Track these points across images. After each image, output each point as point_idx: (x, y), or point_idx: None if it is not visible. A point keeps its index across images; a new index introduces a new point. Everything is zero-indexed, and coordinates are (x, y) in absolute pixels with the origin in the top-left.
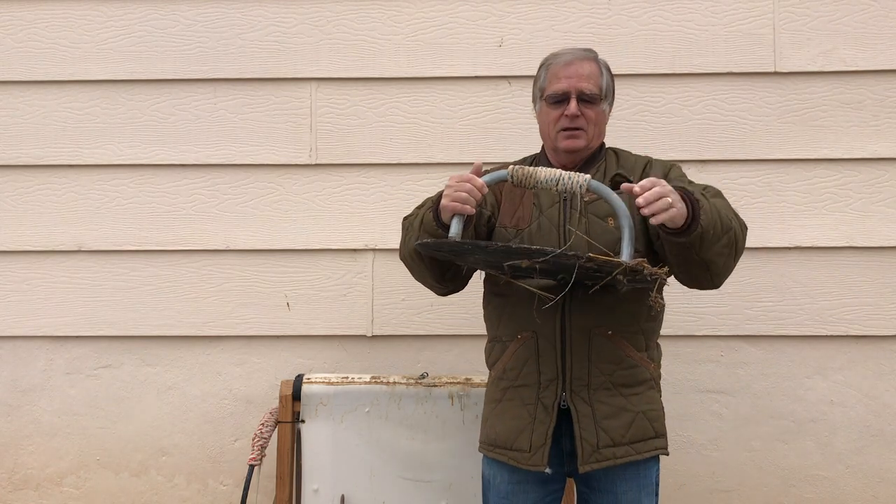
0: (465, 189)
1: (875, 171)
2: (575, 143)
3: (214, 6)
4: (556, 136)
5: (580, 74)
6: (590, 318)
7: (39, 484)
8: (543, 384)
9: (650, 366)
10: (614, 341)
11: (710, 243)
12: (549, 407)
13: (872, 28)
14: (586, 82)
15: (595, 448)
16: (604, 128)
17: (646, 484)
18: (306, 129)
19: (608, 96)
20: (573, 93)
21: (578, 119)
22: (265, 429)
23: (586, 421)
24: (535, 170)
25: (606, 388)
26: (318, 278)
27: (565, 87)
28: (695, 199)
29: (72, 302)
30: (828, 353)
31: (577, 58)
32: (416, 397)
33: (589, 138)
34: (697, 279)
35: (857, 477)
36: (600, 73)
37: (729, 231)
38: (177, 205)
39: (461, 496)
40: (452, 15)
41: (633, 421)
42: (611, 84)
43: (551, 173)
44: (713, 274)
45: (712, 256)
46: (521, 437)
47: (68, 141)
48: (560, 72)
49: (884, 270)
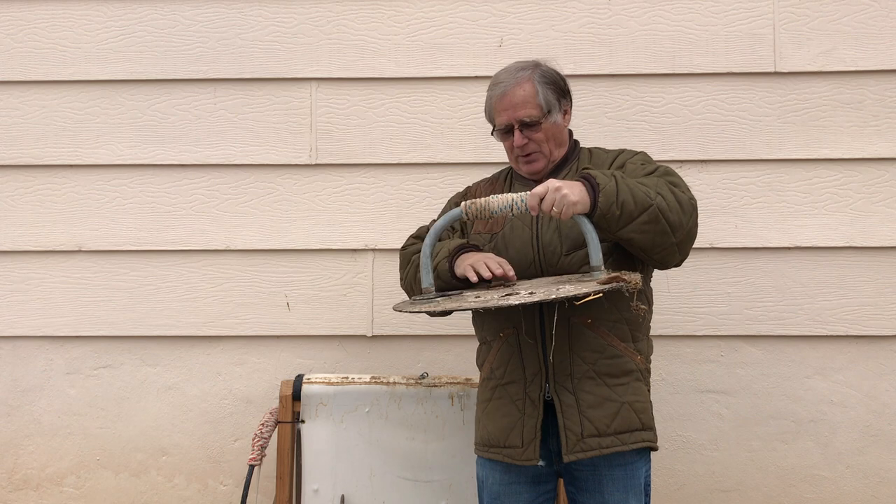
0: (494, 269)
1: (875, 171)
2: (534, 167)
3: (214, 6)
4: (516, 161)
5: (515, 104)
6: (568, 308)
7: (39, 484)
8: (529, 378)
9: (636, 357)
10: (595, 330)
11: (621, 222)
12: (535, 401)
13: (872, 28)
14: (522, 110)
15: (579, 437)
16: (562, 137)
17: (634, 485)
18: (306, 129)
19: (552, 109)
20: (514, 124)
21: (528, 145)
22: (265, 429)
23: (570, 411)
24: (487, 200)
25: (590, 378)
26: (318, 278)
27: (506, 120)
28: (596, 182)
29: (72, 302)
30: (828, 353)
31: (509, 86)
32: (416, 397)
33: (546, 156)
34: (638, 258)
35: (857, 477)
36: (536, 92)
37: (648, 208)
38: (177, 205)
39: (461, 496)
40: (452, 15)
41: (618, 411)
42: (550, 95)
43: (504, 200)
44: (644, 251)
45: (631, 234)
46: (513, 433)
47: (68, 141)
48: (498, 105)
49: (884, 270)
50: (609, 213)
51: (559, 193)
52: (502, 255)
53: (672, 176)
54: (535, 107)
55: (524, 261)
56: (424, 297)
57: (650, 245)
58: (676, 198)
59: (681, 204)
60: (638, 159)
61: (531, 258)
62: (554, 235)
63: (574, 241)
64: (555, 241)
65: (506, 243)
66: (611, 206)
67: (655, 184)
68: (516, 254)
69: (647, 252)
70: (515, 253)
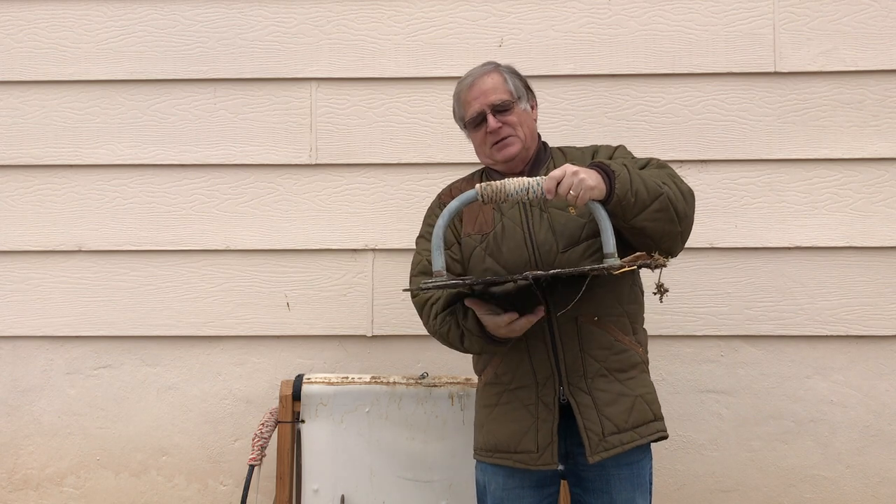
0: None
1: (875, 171)
2: (510, 151)
3: (214, 6)
4: (491, 152)
5: (485, 90)
6: (574, 308)
7: (39, 484)
8: (541, 382)
9: (638, 349)
10: (602, 326)
11: (635, 209)
12: (549, 404)
13: (872, 28)
14: (493, 94)
15: (601, 437)
16: (532, 126)
17: (640, 483)
18: (306, 129)
19: (522, 97)
20: (487, 109)
21: (502, 129)
22: (265, 429)
23: (588, 411)
24: (503, 183)
25: (602, 375)
26: (318, 278)
27: (478, 108)
28: (610, 170)
29: (72, 302)
30: (828, 353)
31: (477, 77)
32: (417, 397)
33: (522, 140)
34: (643, 249)
35: (857, 477)
36: (504, 80)
37: (659, 196)
38: (177, 205)
39: (461, 496)
40: (452, 15)
41: (633, 405)
42: (521, 85)
43: (520, 183)
44: (653, 240)
45: (644, 223)
46: (526, 438)
47: (68, 141)
48: (468, 96)
49: (884, 270)
50: (625, 200)
51: (577, 177)
52: (495, 255)
53: (668, 168)
54: (505, 92)
55: (519, 260)
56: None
57: (660, 233)
58: (679, 188)
59: (683, 194)
60: (622, 153)
61: (526, 258)
62: (548, 234)
63: (570, 238)
64: (550, 239)
65: (498, 243)
66: (626, 193)
67: (658, 174)
68: (510, 254)
69: (656, 241)
70: (509, 253)
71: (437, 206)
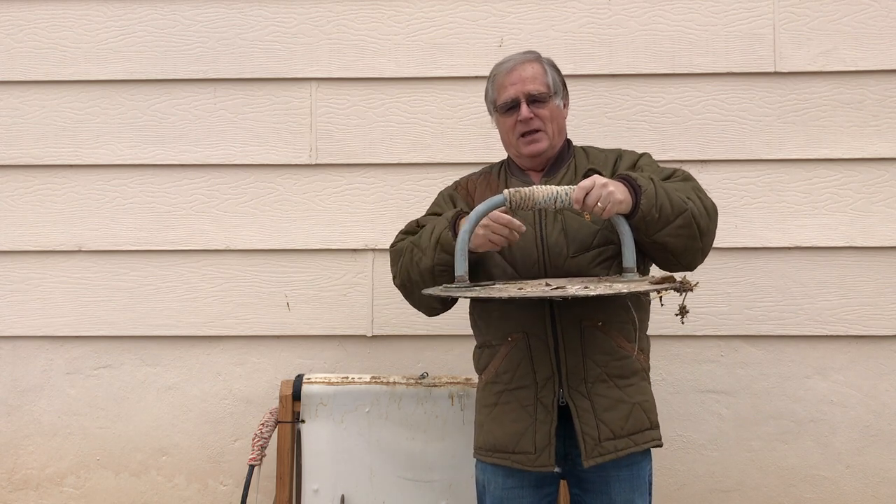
0: (505, 234)
1: (875, 171)
2: (537, 147)
3: (214, 6)
4: (517, 143)
5: (524, 78)
6: (579, 311)
7: (39, 484)
8: (540, 383)
9: (641, 356)
10: (606, 332)
11: (658, 225)
12: (548, 406)
13: (872, 28)
14: (532, 84)
15: (597, 441)
16: (563, 124)
17: (639, 484)
18: (306, 129)
19: (558, 92)
20: (522, 97)
21: (533, 121)
22: (265, 429)
23: (586, 415)
24: (532, 190)
25: (603, 381)
26: (318, 278)
27: (513, 94)
28: (637, 184)
29: (72, 302)
30: (828, 353)
31: (518, 63)
32: (417, 397)
33: (550, 137)
34: (662, 262)
35: (857, 477)
36: (545, 71)
37: (683, 212)
38: (176, 205)
39: (461, 496)
40: (452, 15)
41: (630, 412)
42: (559, 80)
43: (549, 191)
44: (674, 255)
45: (665, 238)
46: (524, 439)
47: (68, 141)
48: (505, 80)
49: (884, 270)
50: (649, 216)
51: (606, 189)
52: (504, 251)
53: (693, 181)
54: (543, 84)
55: (528, 260)
56: (462, 286)
57: (682, 249)
58: (703, 203)
59: (707, 210)
60: (647, 162)
61: (535, 258)
62: (560, 236)
63: (581, 243)
64: (561, 242)
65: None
66: (651, 209)
67: (683, 188)
68: (520, 252)
69: (677, 256)
70: (519, 251)
71: (451, 189)
